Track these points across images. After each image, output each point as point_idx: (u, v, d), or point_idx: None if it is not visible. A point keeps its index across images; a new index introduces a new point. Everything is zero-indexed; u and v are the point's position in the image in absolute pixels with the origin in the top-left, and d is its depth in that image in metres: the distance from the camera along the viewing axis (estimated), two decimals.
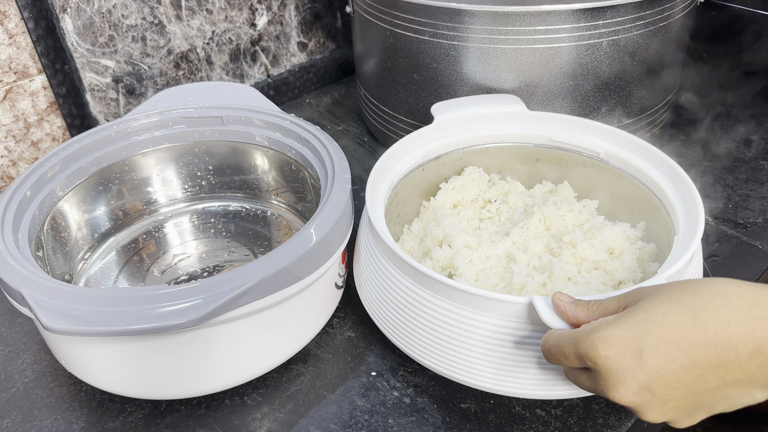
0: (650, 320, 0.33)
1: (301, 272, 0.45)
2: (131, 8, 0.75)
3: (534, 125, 0.60)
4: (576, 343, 0.35)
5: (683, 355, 0.32)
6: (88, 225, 0.61)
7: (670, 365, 0.32)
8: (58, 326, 0.38)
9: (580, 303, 0.38)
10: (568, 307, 0.38)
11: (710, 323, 0.32)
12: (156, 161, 0.64)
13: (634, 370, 0.33)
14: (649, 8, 0.61)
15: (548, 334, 0.38)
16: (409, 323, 0.46)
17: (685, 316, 0.32)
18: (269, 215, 0.67)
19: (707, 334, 0.32)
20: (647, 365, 0.33)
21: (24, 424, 0.48)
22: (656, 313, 0.33)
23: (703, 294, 0.33)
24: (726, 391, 0.33)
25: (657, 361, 0.32)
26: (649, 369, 0.33)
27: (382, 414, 0.47)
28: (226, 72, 0.88)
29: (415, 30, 0.64)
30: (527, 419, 0.47)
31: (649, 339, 0.33)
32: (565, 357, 0.36)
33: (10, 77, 0.71)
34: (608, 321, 0.34)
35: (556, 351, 0.37)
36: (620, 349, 0.33)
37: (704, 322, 0.32)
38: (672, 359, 0.32)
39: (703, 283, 0.33)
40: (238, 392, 0.50)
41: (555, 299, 0.38)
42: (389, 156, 0.56)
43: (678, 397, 0.33)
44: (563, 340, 0.36)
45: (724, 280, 0.33)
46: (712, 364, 0.32)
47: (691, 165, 0.74)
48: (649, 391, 0.33)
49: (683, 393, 0.33)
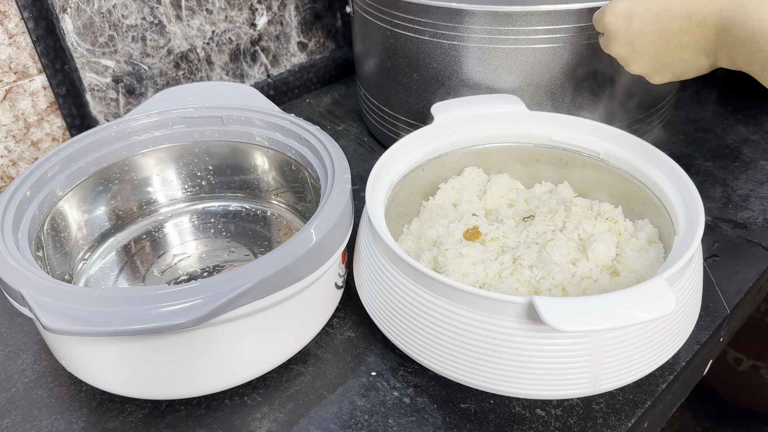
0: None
1: (301, 272, 0.45)
2: (131, 8, 0.75)
3: (534, 125, 0.60)
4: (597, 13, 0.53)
5: (658, 21, 0.47)
6: (88, 225, 0.61)
7: (648, 27, 0.48)
8: (58, 326, 0.38)
9: None
10: None
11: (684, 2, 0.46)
12: (156, 161, 0.64)
13: (624, 30, 0.50)
14: None
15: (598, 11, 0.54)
16: (409, 323, 0.46)
17: None
18: (269, 215, 0.67)
19: (677, 8, 0.46)
20: (633, 26, 0.49)
21: (24, 424, 0.48)
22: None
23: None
24: (682, 52, 0.47)
25: (640, 24, 0.48)
26: (633, 29, 0.49)
27: (382, 414, 0.47)
28: (226, 72, 0.88)
29: (415, 30, 0.64)
30: (527, 419, 0.47)
31: (639, 8, 0.48)
32: (596, 23, 0.54)
33: (10, 77, 0.71)
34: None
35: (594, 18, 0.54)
36: (618, 15, 0.50)
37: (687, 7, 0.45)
38: (650, 23, 0.48)
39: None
40: (238, 392, 0.50)
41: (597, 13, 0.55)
42: (389, 156, 0.56)
43: (650, 54, 0.49)
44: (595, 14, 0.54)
45: None
46: (674, 30, 0.47)
47: (691, 165, 0.74)
48: (631, 45, 0.50)
49: (654, 50, 0.49)
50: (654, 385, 0.49)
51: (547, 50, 0.61)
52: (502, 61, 0.62)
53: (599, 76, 0.64)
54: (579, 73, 0.63)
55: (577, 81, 0.64)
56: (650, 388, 0.48)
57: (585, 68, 0.63)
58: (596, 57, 0.62)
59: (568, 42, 0.60)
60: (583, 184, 0.60)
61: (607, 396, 0.48)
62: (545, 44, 0.61)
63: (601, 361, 0.42)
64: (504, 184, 0.60)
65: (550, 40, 0.60)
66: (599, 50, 0.62)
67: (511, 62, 0.62)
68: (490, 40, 0.61)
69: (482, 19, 0.60)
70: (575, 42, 0.61)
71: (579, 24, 0.59)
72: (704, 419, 1.05)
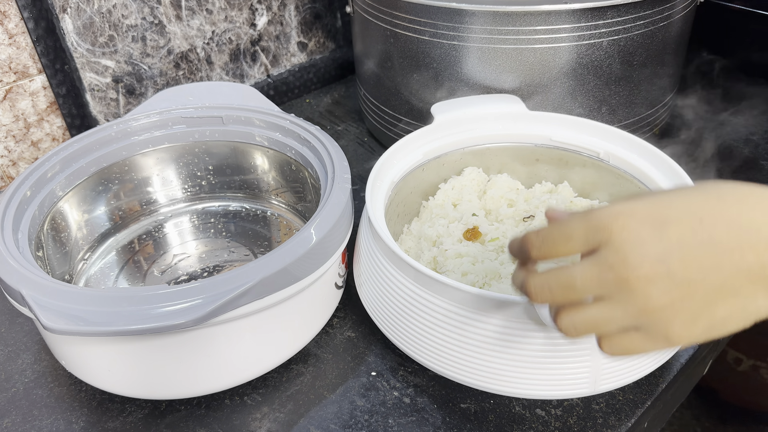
0: (674, 197, 0.31)
1: (301, 272, 0.45)
2: (131, 8, 0.75)
3: (534, 125, 0.60)
4: (589, 216, 0.31)
5: (706, 230, 0.30)
6: (88, 225, 0.61)
7: (692, 238, 0.30)
8: (58, 326, 0.38)
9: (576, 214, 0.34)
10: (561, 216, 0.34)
11: (735, 205, 0.30)
12: (156, 161, 0.64)
13: (653, 239, 0.30)
14: (649, 8, 0.61)
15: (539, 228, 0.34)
16: (409, 323, 0.46)
17: (709, 198, 0.31)
18: (269, 215, 0.67)
19: (731, 212, 0.30)
20: (668, 236, 0.30)
21: (24, 424, 0.48)
22: (680, 194, 0.32)
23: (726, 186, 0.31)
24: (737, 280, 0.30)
25: (678, 233, 0.30)
26: (670, 239, 0.30)
27: (382, 414, 0.47)
28: (226, 72, 0.88)
29: (415, 30, 0.64)
30: (527, 419, 0.47)
31: (673, 211, 0.30)
32: (568, 238, 0.32)
33: (10, 77, 0.71)
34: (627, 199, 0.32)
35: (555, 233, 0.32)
36: (642, 219, 0.30)
37: (729, 204, 0.30)
38: (694, 232, 0.30)
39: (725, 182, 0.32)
40: (238, 392, 0.50)
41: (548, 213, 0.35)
42: (389, 156, 0.56)
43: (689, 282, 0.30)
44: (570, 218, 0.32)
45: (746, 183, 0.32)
46: (731, 246, 0.30)
47: (691, 165, 0.74)
48: (665, 264, 0.30)
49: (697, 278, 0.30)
50: (654, 385, 0.49)
51: (547, 50, 0.61)
52: (502, 61, 0.62)
53: (599, 76, 0.64)
54: (579, 73, 0.63)
55: (577, 81, 0.64)
56: (650, 388, 0.48)
57: (585, 68, 0.63)
58: (596, 57, 0.62)
59: (568, 42, 0.60)
60: (583, 184, 0.60)
61: (607, 396, 0.48)
62: (545, 44, 0.61)
63: (601, 361, 0.42)
64: (504, 184, 0.60)
65: (550, 40, 0.60)
66: (599, 50, 0.62)
67: (511, 62, 0.62)
68: (490, 40, 0.61)
69: (482, 19, 0.60)
70: (575, 42, 0.61)
71: (579, 24, 0.59)
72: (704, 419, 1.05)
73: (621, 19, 0.60)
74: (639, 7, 0.60)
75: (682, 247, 0.30)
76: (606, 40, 0.61)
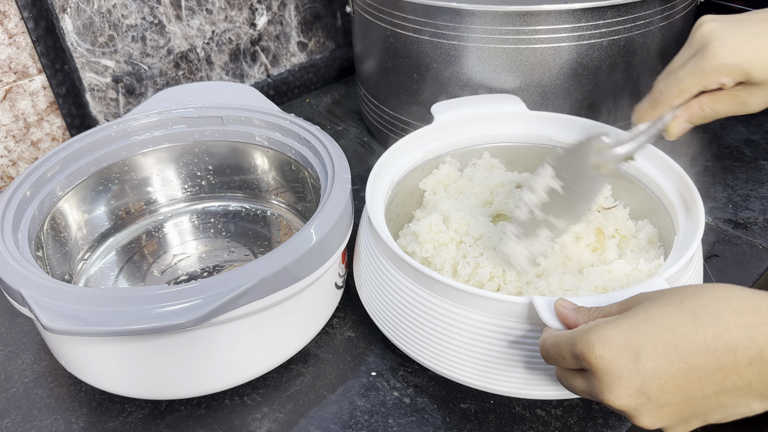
0: (649, 321, 0.33)
1: (301, 272, 0.45)
2: (131, 8, 0.75)
3: (534, 125, 0.60)
4: (573, 342, 0.34)
5: (681, 358, 0.31)
6: (88, 225, 0.61)
7: (667, 368, 0.31)
8: (58, 326, 0.38)
9: (581, 309, 0.38)
10: (569, 314, 0.38)
11: (710, 326, 0.31)
12: (156, 161, 0.64)
13: (630, 371, 0.32)
14: (649, 8, 0.61)
15: (546, 334, 0.38)
16: (409, 323, 0.46)
17: (684, 318, 0.32)
18: (269, 215, 0.67)
19: (707, 337, 0.31)
20: (643, 367, 0.32)
21: (24, 424, 0.48)
22: (655, 315, 0.33)
23: (704, 297, 0.32)
24: (723, 398, 0.32)
25: (654, 363, 0.32)
26: (645, 371, 0.32)
27: (382, 414, 0.47)
28: (226, 72, 0.88)
29: (415, 30, 0.64)
30: (527, 419, 0.47)
31: (647, 340, 0.32)
32: (562, 358, 0.35)
33: (10, 77, 0.71)
34: (606, 321, 0.34)
35: (554, 351, 0.36)
36: (616, 349, 0.32)
37: (704, 325, 0.31)
38: (669, 362, 0.31)
39: (706, 288, 0.33)
40: (238, 392, 0.50)
41: (557, 305, 0.38)
42: (389, 156, 0.56)
43: (674, 402, 0.32)
44: (560, 340, 0.36)
45: (727, 286, 0.33)
46: (710, 369, 0.31)
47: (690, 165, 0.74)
48: (645, 394, 0.32)
49: (679, 398, 0.32)
50: None
51: (548, 50, 0.61)
52: (502, 61, 0.62)
53: (599, 76, 0.64)
54: (579, 73, 0.63)
55: (577, 81, 0.64)
56: None
57: (585, 68, 0.63)
58: (596, 57, 0.62)
59: (568, 42, 0.60)
60: None
61: None
62: (545, 44, 0.61)
63: None
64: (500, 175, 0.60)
65: (550, 39, 0.60)
66: (599, 50, 0.62)
67: (511, 62, 0.62)
68: (490, 40, 0.61)
69: (482, 19, 0.60)
70: (575, 42, 0.61)
71: (579, 24, 0.59)
72: None
73: (621, 19, 0.60)
74: (639, 8, 0.60)
75: (660, 377, 0.32)
76: (606, 40, 0.61)
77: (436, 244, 0.52)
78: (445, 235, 0.52)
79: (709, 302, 0.32)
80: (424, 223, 0.53)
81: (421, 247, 0.52)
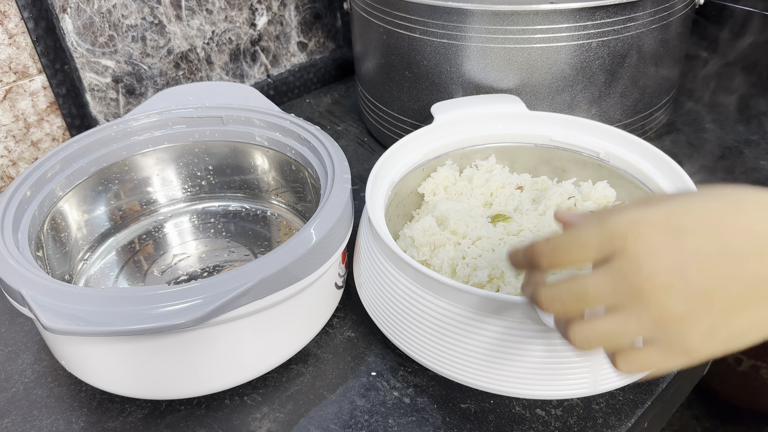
0: (690, 204, 0.31)
1: (301, 272, 0.45)
2: (131, 8, 0.75)
3: (534, 125, 0.60)
4: (604, 222, 0.31)
5: (723, 239, 0.29)
6: (88, 225, 0.61)
7: (709, 246, 0.29)
8: (58, 326, 0.38)
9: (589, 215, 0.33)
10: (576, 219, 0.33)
11: (754, 213, 0.29)
12: (156, 161, 0.64)
13: (670, 248, 0.29)
14: (649, 8, 0.61)
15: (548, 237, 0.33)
16: (409, 323, 0.46)
17: (727, 205, 0.30)
18: (269, 215, 0.67)
19: (751, 219, 0.29)
20: (684, 243, 0.29)
21: (24, 424, 0.48)
22: (696, 200, 0.31)
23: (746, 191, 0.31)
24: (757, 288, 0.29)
25: (695, 242, 0.29)
26: (685, 247, 0.29)
27: (382, 414, 0.47)
28: (226, 72, 0.88)
29: (414, 29, 0.64)
30: (527, 419, 0.47)
31: (689, 219, 0.30)
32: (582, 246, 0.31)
33: (10, 77, 0.71)
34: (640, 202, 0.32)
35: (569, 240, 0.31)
36: (656, 224, 0.30)
37: (748, 211, 0.30)
38: (711, 240, 0.29)
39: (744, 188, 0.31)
40: (238, 392, 0.50)
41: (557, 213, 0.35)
42: (389, 156, 0.56)
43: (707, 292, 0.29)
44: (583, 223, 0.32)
45: None
46: (749, 254, 0.29)
47: (690, 165, 0.74)
48: (681, 272, 0.29)
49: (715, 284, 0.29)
50: (654, 385, 0.49)
51: (548, 50, 0.61)
52: (502, 60, 0.62)
53: (599, 76, 0.64)
54: (579, 73, 0.63)
55: (577, 80, 0.64)
56: (650, 388, 0.48)
57: (585, 68, 0.63)
58: (597, 56, 0.62)
59: (568, 41, 0.60)
60: None
61: (607, 396, 0.48)
62: (546, 44, 0.61)
63: (601, 361, 0.42)
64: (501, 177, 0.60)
65: (550, 39, 0.60)
66: (600, 49, 0.62)
67: (511, 62, 0.62)
68: (489, 39, 0.61)
69: (482, 19, 0.60)
70: (576, 41, 0.61)
71: (580, 23, 0.59)
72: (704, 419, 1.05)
73: (621, 18, 0.60)
74: (639, 7, 0.60)
75: (699, 256, 0.29)
76: (606, 39, 0.61)
77: (432, 246, 0.52)
78: (441, 237, 0.52)
79: (751, 193, 0.31)
80: (417, 227, 0.53)
81: (418, 250, 0.52)
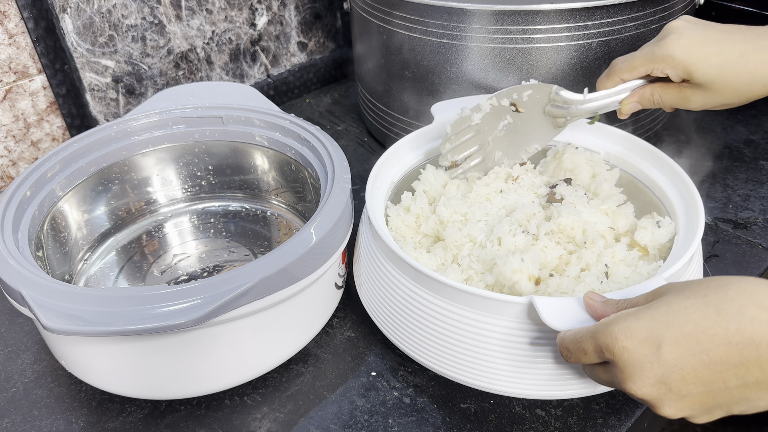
0: (672, 313, 0.33)
1: (301, 272, 0.45)
2: (131, 8, 0.75)
3: None
4: (595, 336, 0.35)
5: (703, 351, 0.31)
6: (88, 225, 0.61)
7: (689, 360, 0.32)
8: (58, 326, 0.38)
9: (609, 302, 0.38)
10: (598, 306, 0.38)
11: (733, 320, 0.31)
12: (156, 161, 0.64)
13: (651, 362, 0.32)
14: (649, 7, 0.61)
15: (563, 333, 0.38)
16: (409, 323, 0.46)
17: (708, 312, 0.32)
18: (269, 215, 0.67)
19: (729, 331, 0.31)
20: (665, 358, 0.32)
21: (24, 424, 0.48)
22: (678, 307, 0.33)
23: (729, 291, 0.32)
24: (745, 391, 0.32)
25: (675, 355, 0.32)
26: (666, 362, 0.32)
27: (382, 414, 0.47)
28: (226, 72, 0.88)
29: (414, 29, 0.64)
30: (527, 419, 0.47)
31: (669, 332, 0.32)
32: (585, 353, 0.36)
33: (10, 77, 0.71)
34: (629, 313, 0.35)
35: (575, 348, 0.36)
36: (639, 340, 0.33)
37: (727, 319, 0.31)
38: (691, 354, 0.32)
39: (731, 281, 0.33)
40: (238, 392, 0.50)
41: (586, 298, 0.39)
42: (389, 156, 0.56)
43: (695, 394, 0.33)
44: (582, 336, 0.36)
45: (753, 280, 0.33)
46: (732, 363, 0.31)
47: (690, 165, 0.74)
48: (666, 385, 0.33)
49: (701, 390, 0.32)
50: None
51: (547, 50, 0.61)
52: (502, 60, 0.62)
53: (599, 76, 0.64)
54: (579, 73, 0.63)
55: (577, 80, 0.64)
56: None
57: (585, 68, 0.63)
58: (597, 56, 0.62)
59: (569, 41, 0.60)
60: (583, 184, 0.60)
61: (607, 396, 0.48)
62: (546, 43, 0.61)
63: None
64: None
65: (550, 39, 0.60)
66: (600, 49, 0.62)
67: (511, 62, 0.62)
68: (489, 39, 0.61)
69: (482, 19, 0.60)
70: (576, 41, 0.61)
71: (580, 23, 0.59)
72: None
73: (621, 18, 0.60)
74: (639, 7, 0.60)
75: (681, 368, 0.32)
76: (606, 40, 0.61)
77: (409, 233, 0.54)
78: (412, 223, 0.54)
79: (733, 296, 0.32)
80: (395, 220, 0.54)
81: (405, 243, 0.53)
